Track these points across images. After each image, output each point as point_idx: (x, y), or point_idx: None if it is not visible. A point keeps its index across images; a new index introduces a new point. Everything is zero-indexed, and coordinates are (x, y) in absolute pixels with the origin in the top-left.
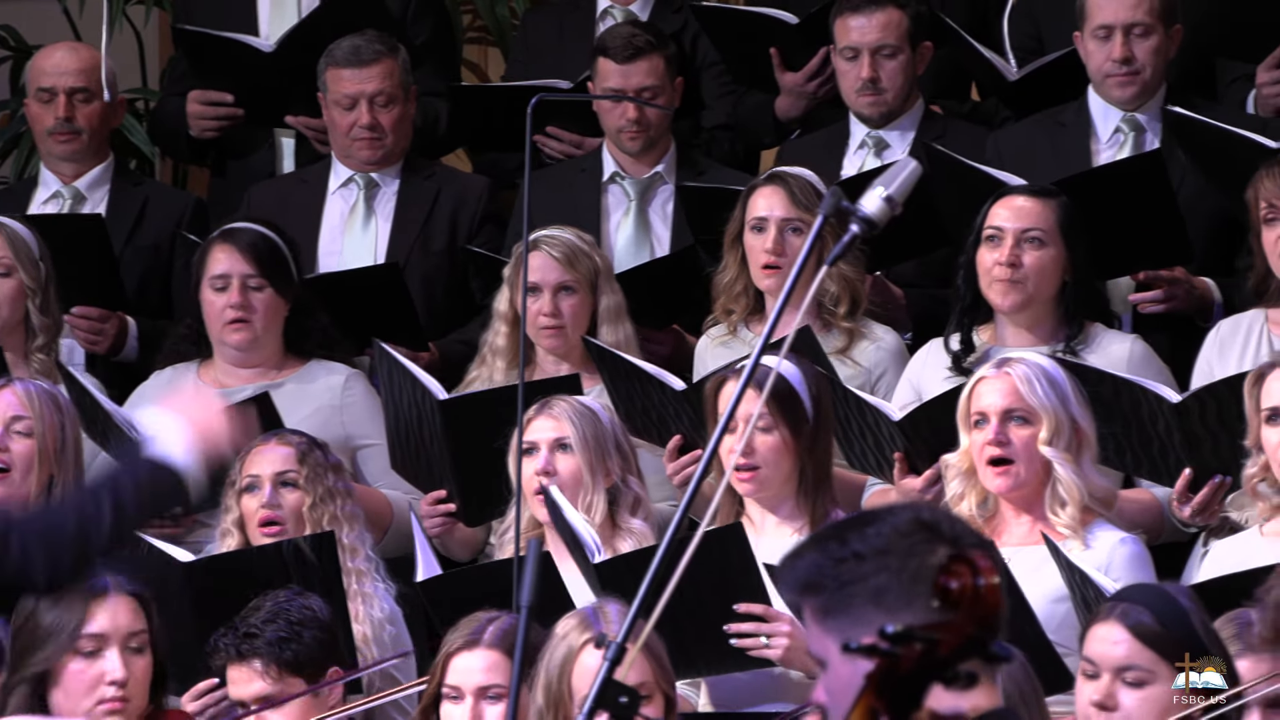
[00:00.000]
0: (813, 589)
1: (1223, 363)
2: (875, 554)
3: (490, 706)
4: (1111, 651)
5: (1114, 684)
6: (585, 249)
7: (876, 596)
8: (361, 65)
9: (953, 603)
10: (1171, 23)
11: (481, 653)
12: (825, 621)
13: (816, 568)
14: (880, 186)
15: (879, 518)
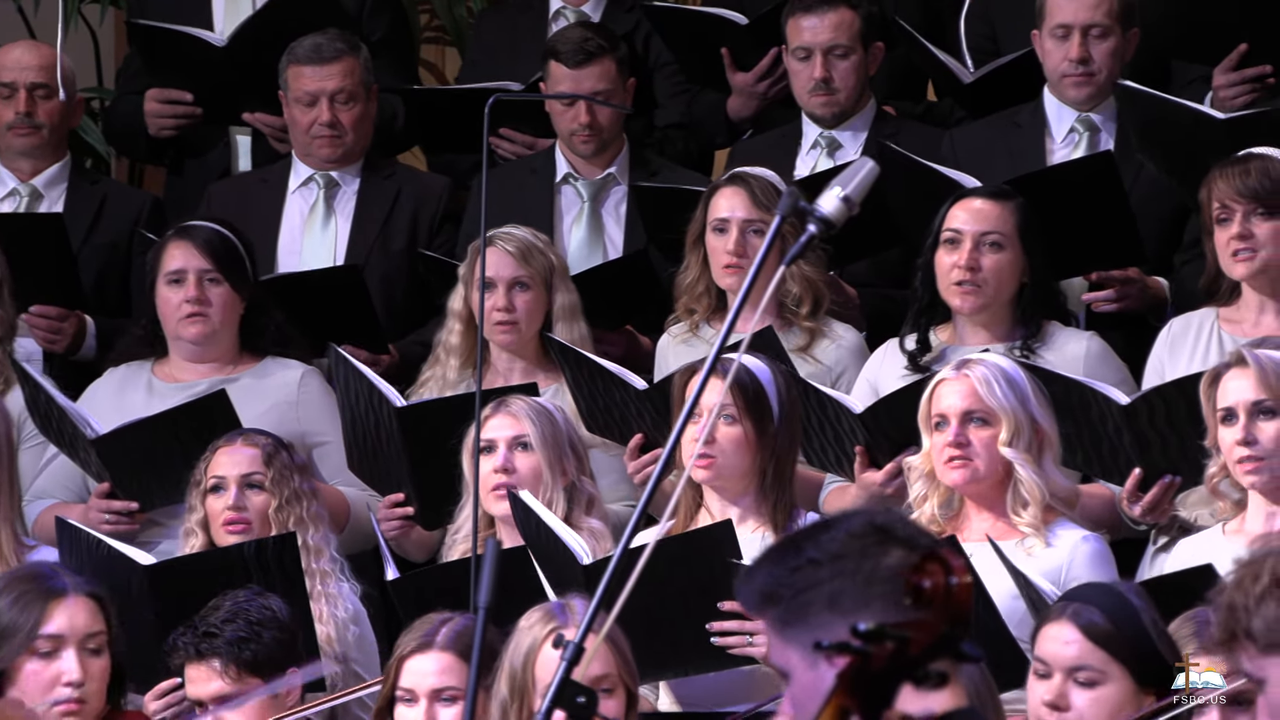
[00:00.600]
0: (771, 600)
1: (1174, 361)
2: (830, 559)
3: (444, 709)
4: (1063, 651)
5: (1066, 684)
6: (540, 246)
7: (832, 601)
8: (323, 63)
9: (925, 601)
10: (1129, 25)
11: (435, 655)
12: (785, 631)
13: (773, 578)
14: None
15: (833, 524)
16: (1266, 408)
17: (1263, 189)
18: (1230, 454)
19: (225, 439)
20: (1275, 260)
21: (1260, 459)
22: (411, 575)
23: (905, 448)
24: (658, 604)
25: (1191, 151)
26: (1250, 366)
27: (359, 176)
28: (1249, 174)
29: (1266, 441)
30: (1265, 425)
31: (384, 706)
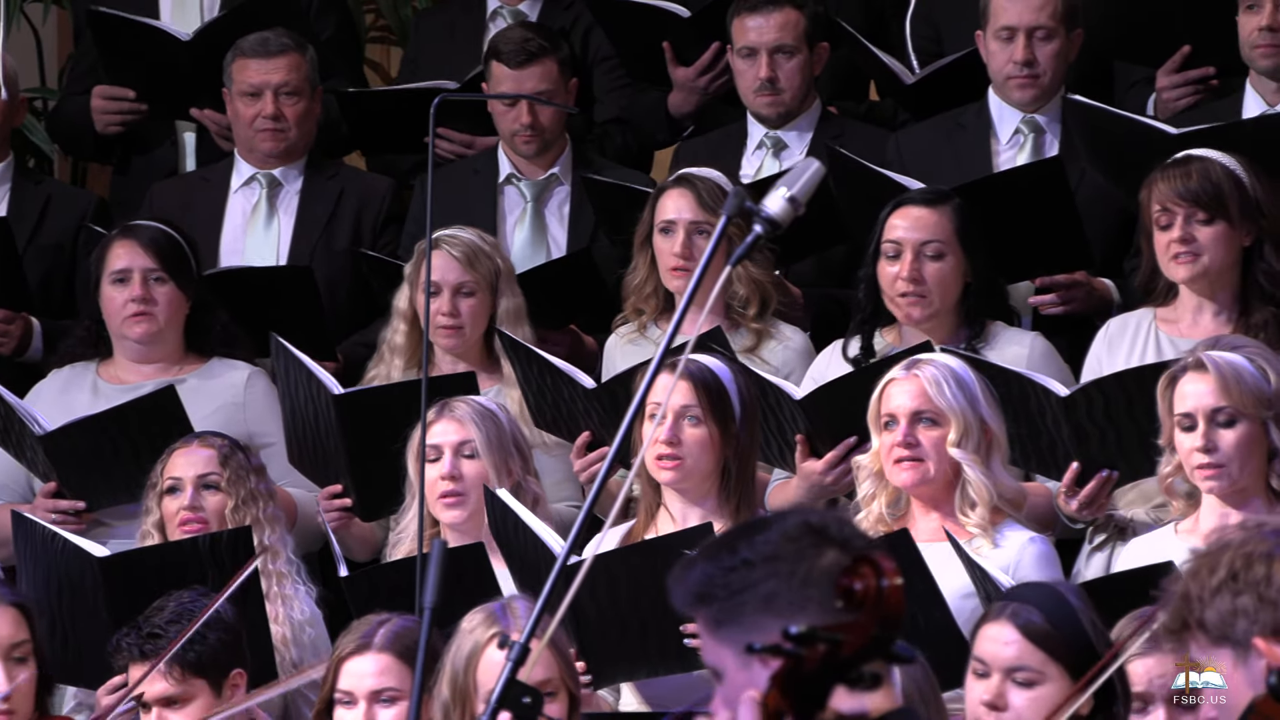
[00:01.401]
0: (704, 600)
1: (1111, 360)
2: (764, 560)
3: (384, 711)
4: (1002, 652)
5: (1004, 684)
6: (486, 250)
7: (767, 602)
8: (269, 56)
9: (856, 603)
10: (1073, 27)
11: (373, 656)
12: (718, 632)
13: (707, 578)
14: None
15: (768, 525)
16: (1226, 416)
17: (1203, 192)
18: (1189, 459)
19: (182, 441)
20: (1215, 264)
21: (1220, 466)
22: (365, 572)
23: (846, 437)
24: (631, 606)
25: (1141, 164)
26: (1209, 372)
27: (302, 176)
28: (1190, 176)
29: (1226, 448)
30: (1225, 433)
31: (323, 709)
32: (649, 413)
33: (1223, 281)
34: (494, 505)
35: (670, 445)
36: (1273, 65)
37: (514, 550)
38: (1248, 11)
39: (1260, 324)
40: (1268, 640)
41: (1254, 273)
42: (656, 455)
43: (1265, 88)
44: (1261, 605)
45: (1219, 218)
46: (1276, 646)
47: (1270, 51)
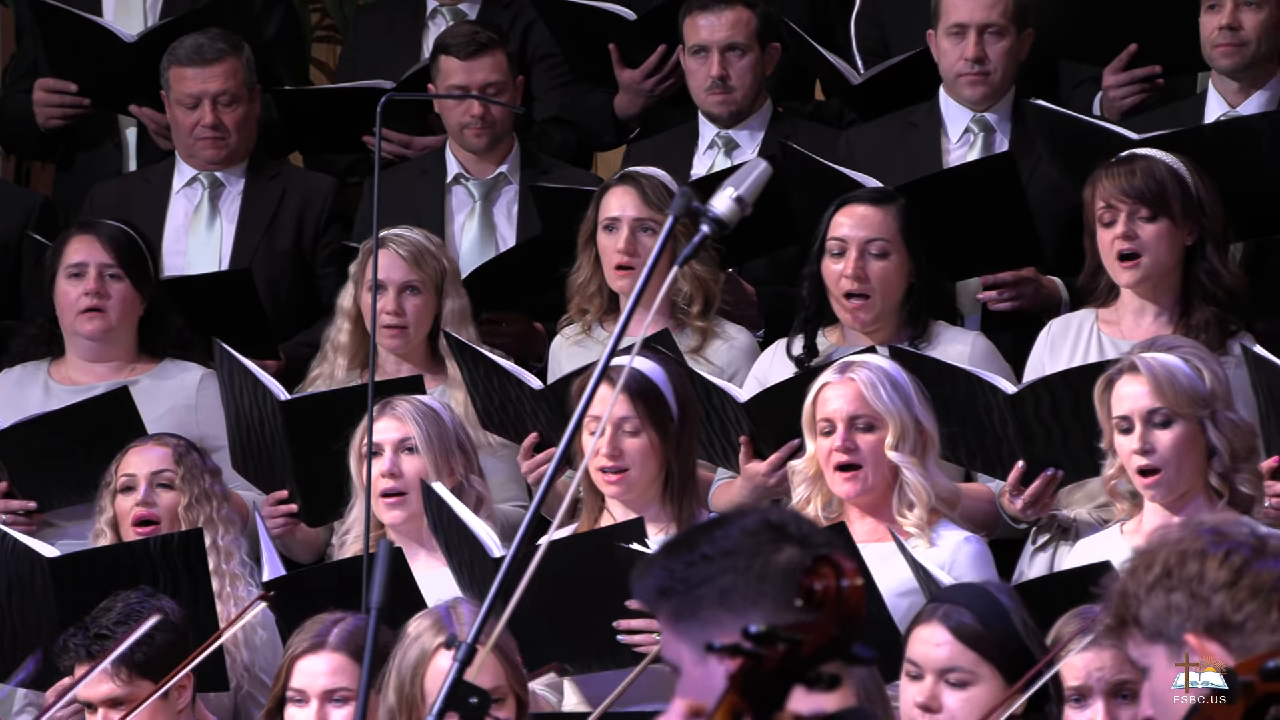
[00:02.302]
0: (664, 594)
1: (1054, 360)
2: (722, 555)
3: (336, 710)
4: (934, 653)
5: (937, 685)
6: (433, 250)
7: (723, 597)
8: (205, 64)
9: (817, 603)
10: (1024, 26)
11: (326, 655)
12: (677, 626)
13: (668, 572)
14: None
15: (728, 520)
16: (1162, 417)
17: (1147, 189)
18: (1129, 462)
19: (138, 440)
20: (1158, 263)
21: (1158, 468)
22: (289, 576)
23: (789, 439)
24: (566, 600)
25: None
26: (1143, 373)
27: (244, 177)
28: (1134, 174)
29: (1163, 450)
30: (1161, 434)
31: (274, 707)
32: (588, 427)
33: (1166, 283)
34: (430, 499)
35: (611, 458)
36: (1232, 64)
37: (450, 543)
38: (1209, 12)
39: (1201, 324)
40: (1199, 637)
41: (1196, 272)
42: (599, 468)
43: (1226, 88)
44: (1194, 602)
45: (1162, 215)
46: (1208, 644)
47: (1230, 50)
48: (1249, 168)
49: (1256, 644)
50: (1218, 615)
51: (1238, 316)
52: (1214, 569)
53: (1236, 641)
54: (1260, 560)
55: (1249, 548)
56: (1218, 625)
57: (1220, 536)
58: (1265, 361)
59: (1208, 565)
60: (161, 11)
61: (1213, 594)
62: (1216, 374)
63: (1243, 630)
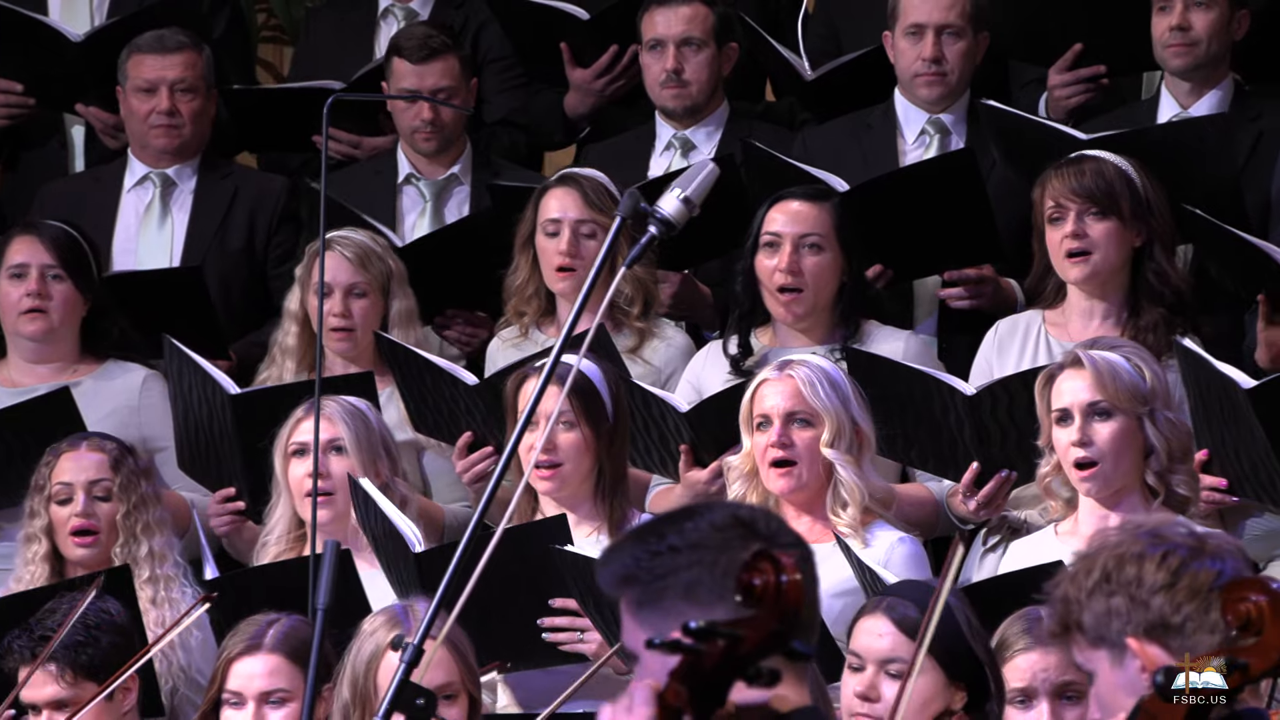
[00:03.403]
0: (629, 582)
1: (1001, 361)
2: (690, 548)
3: (273, 712)
4: (876, 644)
5: (877, 675)
6: (379, 252)
7: (688, 590)
8: (165, 52)
9: (755, 599)
10: (980, 28)
11: (263, 657)
12: (639, 614)
13: (634, 560)
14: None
15: (697, 513)
16: (1101, 409)
17: (1097, 189)
18: (1065, 455)
19: (68, 443)
20: (1107, 262)
21: (1095, 461)
22: (229, 576)
23: (730, 447)
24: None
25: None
26: (1085, 368)
27: (195, 175)
28: (1083, 174)
29: (1101, 443)
30: (1100, 427)
31: (209, 710)
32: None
33: (1113, 283)
34: (358, 495)
35: (546, 453)
36: (1183, 64)
37: (379, 543)
38: (1160, 13)
39: (1149, 325)
40: (1140, 640)
41: (1144, 273)
42: (534, 464)
43: (1178, 89)
44: (1134, 606)
45: (1111, 215)
46: (1149, 646)
47: (1181, 50)
48: (1197, 169)
49: (1197, 644)
50: (1157, 617)
51: (1185, 318)
52: (1152, 571)
53: (1177, 643)
54: (1198, 561)
55: (1186, 549)
56: (1158, 627)
57: (1158, 538)
58: (1195, 357)
59: (1145, 568)
60: (108, 11)
61: (1151, 596)
62: (1157, 374)
63: (1183, 631)
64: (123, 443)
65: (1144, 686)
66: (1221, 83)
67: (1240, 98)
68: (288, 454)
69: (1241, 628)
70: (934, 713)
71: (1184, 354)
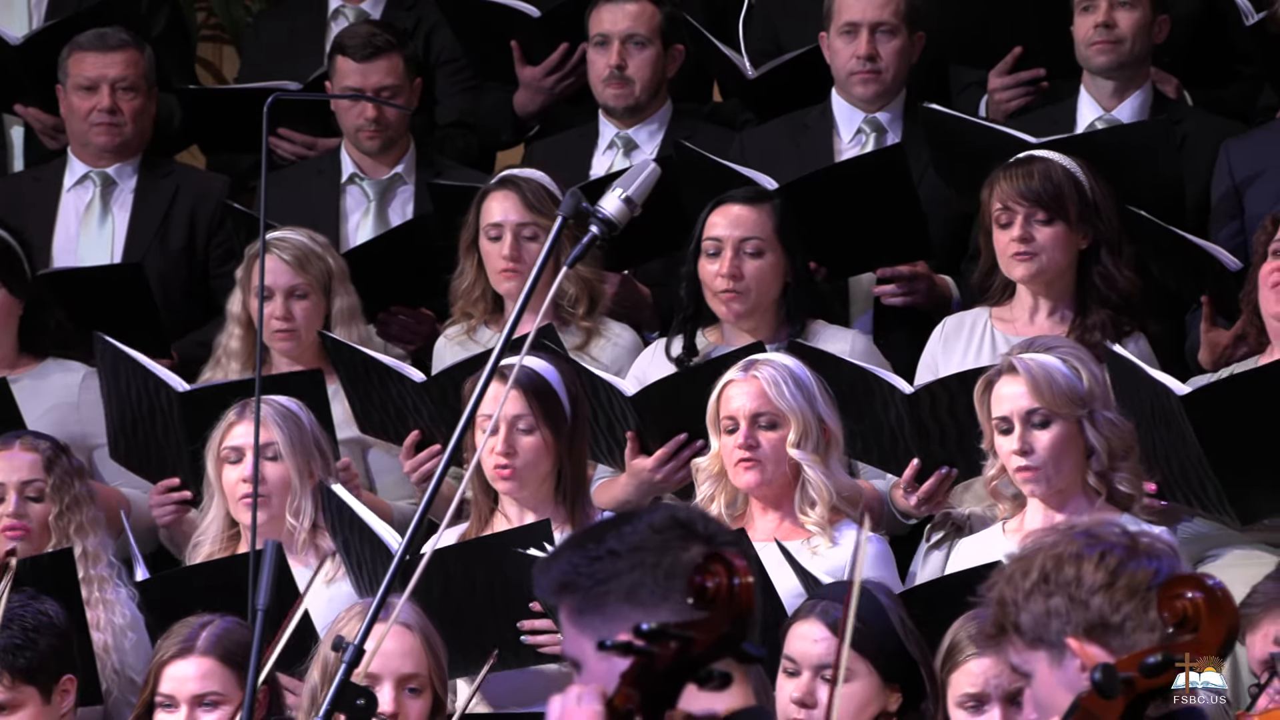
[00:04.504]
0: (568, 588)
1: (947, 358)
2: (630, 551)
3: (206, 715)
4: (811, 649)
5: (814, 681)
6: (318, 251)
7: (630, 593)
8: (107, 50)
9: (707, 601)
10: (915, 28)
11: (195, 660)
12: (580, 621)
13: (572, 567)
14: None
15: (636, 516)
16: (1040, 418)
17: (1044, 192)
18: (1008, 462)
19: (1, 442)
20: (1053, 264)
21: (1036, 468)
22: (161, 576)
23: (676, 434)
24: (471, 600)
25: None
26: (1021, 375)
27: (136, 174)
28: (1031, 176)
29: (1041, 450)
30: (1040, 434)
31: (143, 712)
32: (480, 425)
33: (1060, 283)
34: (330, 501)
35: (505, 456)
36: (1107, 62)
37: (350, 546)
38: (1084, 13)
39: (1096, 325)
40: (1080, 640)
41: (1090, 275)
42: (494, 465)
43: (1100, 91)
44: (1073, 606)
45: (1058, 218)
46: (1088, 646)
47: (1105, 48)
48: (1141, 171)
49: (1136, 643)
50: (1097, 617)
51: (1132, 319)
52: (1090, 571)
53: (1117, 642)
54: (1134, 560)
55: (1123, 548)
56: (1098, 627)
57: (1094, 539)
58: (1127, 363)
59: (1084, 568)
60: (47, 13)
61: (1090, 596)
62: (1094, 374)
63: (1122, 631)
64: (56, 442)
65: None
66: (1143, 86)
67: (1159, 101)
68: (220, 458)
69: (1178, 624)
70: (870, 715)
71: (1114, 360)
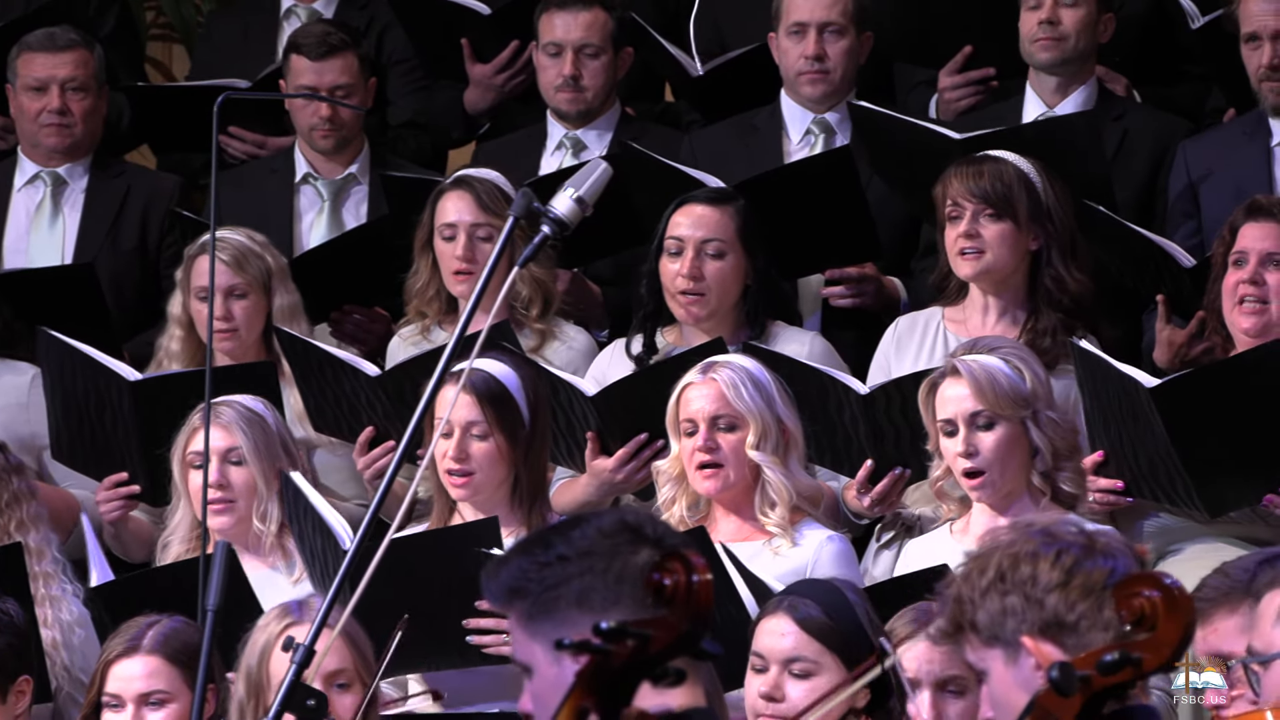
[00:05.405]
0: (518, 594)
1: (900, 359)
2: (580, 556)
3: (152, 714)
4: (779, 644)
5: (781, 675)
6: (256, 250)
7: (580, 598)
8: (56, 50)
9: (666, 599)
10: (863, 28)
11: (142, 659)
12: (530, 626)
13: (521, 572)
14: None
15: (584, 521)
16: (984, 420)
17: (994, 191)
18: (954, 464)
19: None
20: (1000, 262)
21: (981, 469)
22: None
23: (636, 434)
24: (416, 597)
25: (926, 168)
26: (964, 377)
27: (87, 174)
28: (982, 175)
29: (986, 452)
30: (984, 436)
31: (90, 712)
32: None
33: (1009, 283)
34: (288, 488)
35: (458, 461)
36: (1051, 58)
37: (304, 536)
38: (1029, 10)
39: (1047, 329)
40: (1035, 639)
41: (1042, 277)
42: (446, 470)
43: (1044, 87)
44: (1028, 604)
45: (1006, 217)
46: (1044, 644)
47: (1049, 45)
48: (1071, 167)
49: (1091, 642)
50: (1052, 616)
51: (1083, 322)
52: (1046, 570)
53: (1072, 641)
54: (1090, 559)
55: (1079, 547)
56: (1053, 626)
57: (1050, 537)
58: (1094, 358)
59: (1040, 567)
60: None
61: (1046, 595)
62: (1037, 374)
63: (1077, 629)
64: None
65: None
66: (1087, 81)
67: (1104, 98)
68: (185, 463)
69: (1135, 623)
70: (839, 713)
71: (1081, 355)
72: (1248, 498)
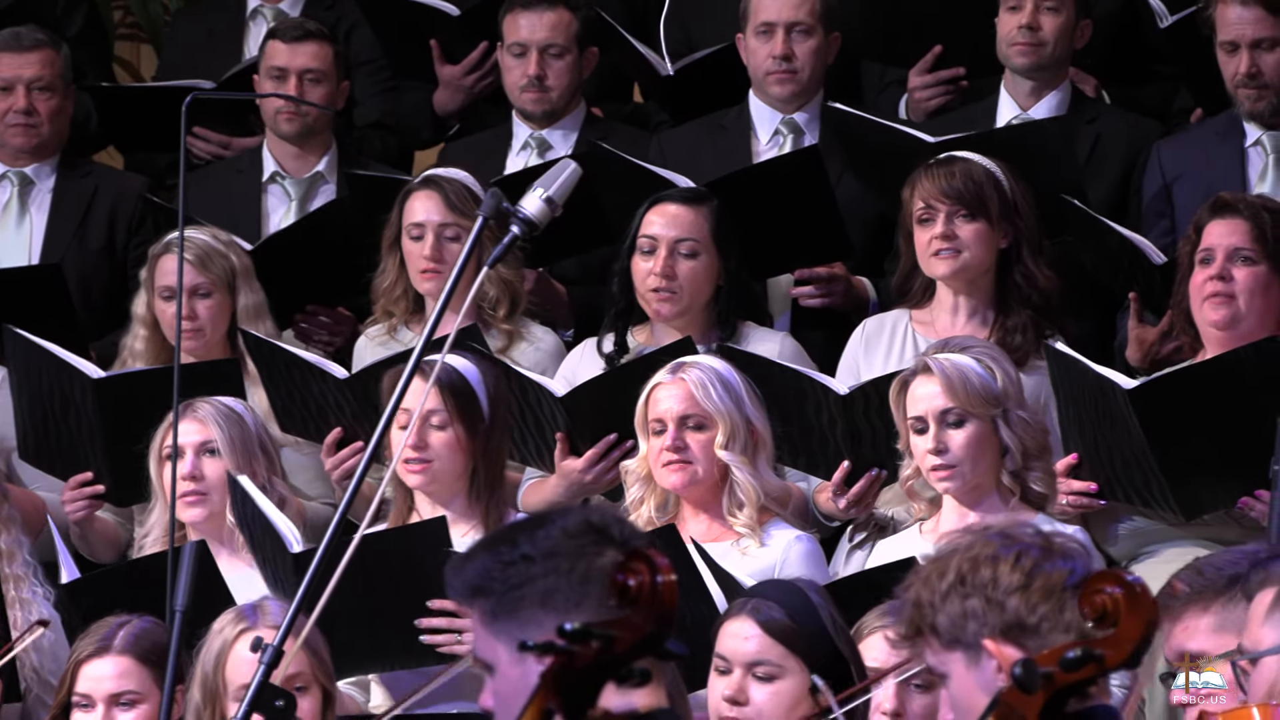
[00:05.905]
0: (481, 592)
1: (868, 360)
2: (544, 556)
3: (123, 714)
4: (742, 647)
5: (745, 678)
6: (220, 249)
7: (545, 598)
8: (22, 50)
9: (630, 600)
10: (831, 28)
11: (112, 659)
12: (494, 624)
13: (485, 570)
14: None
15: (549, 520)
16: (955, 418)
17: (966, 191)
18: (923, 462)
19: None
20: (976, 261)
21: (952, 466)
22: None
23: (605, 434)
24: (367, 597)
25: (899, 169)
26: (935, 374)
27: (55, 174)
28: (953, 175)
29: (956, 449)
30: (954, 434)
31: (60, 713)
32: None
33: (981, 283)
34: (235, 492)
35: (416, 450)
36: (1028, 63)
37: (255, 540)
38: (1009, 12)
39: (1017, 326)
40: (997, 641)
41: (1012, 275)
42: (404, 459)
43: (1019, 90)
44: (989, 607)
45: (980, 216)
46: (1005, 647)
47: (1026, 49)
48: (1043, 170)
49: (1052, 643)
50: (1013, 618)
51: (1052, 320)
52: (1006, 573)
53: (1033, 643)
54: (1049, 561)
55: (1038, 549)
56: (1014, 628)
57: (1009, 540)
58: (1068, 359)
59: (1000, 570)
60: None
61: (1007, 598)
62: (1008, 373)
63: (1038, 631)
64: None
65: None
66: (1061, 85)
67: (1078, 101)
68: (161, 457)
69: (1098, 619)
70: (803, 714)
71: (1055, 356)
72: (1223, 500)
